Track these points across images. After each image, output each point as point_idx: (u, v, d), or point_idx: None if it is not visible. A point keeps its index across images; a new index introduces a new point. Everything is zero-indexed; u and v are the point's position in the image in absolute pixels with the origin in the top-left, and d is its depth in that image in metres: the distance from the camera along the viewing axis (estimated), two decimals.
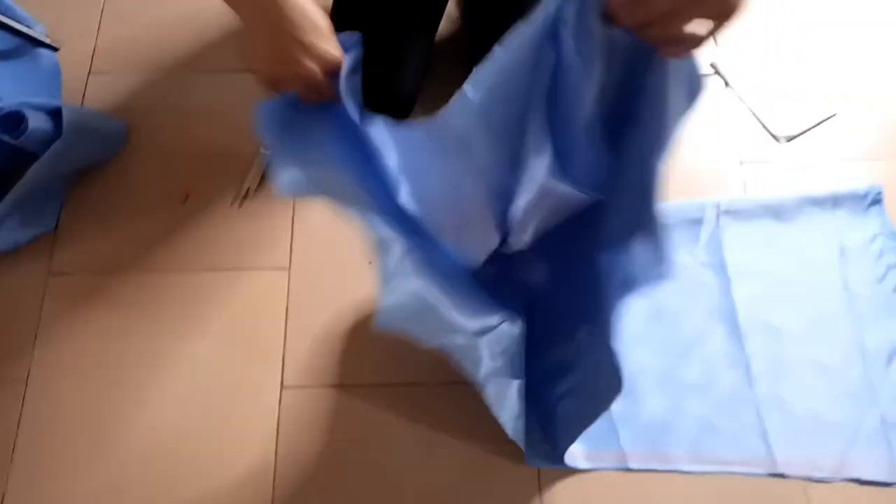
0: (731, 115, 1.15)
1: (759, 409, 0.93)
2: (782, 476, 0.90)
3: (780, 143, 1.13)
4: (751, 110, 1.15)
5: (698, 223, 1.05)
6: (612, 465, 0.90)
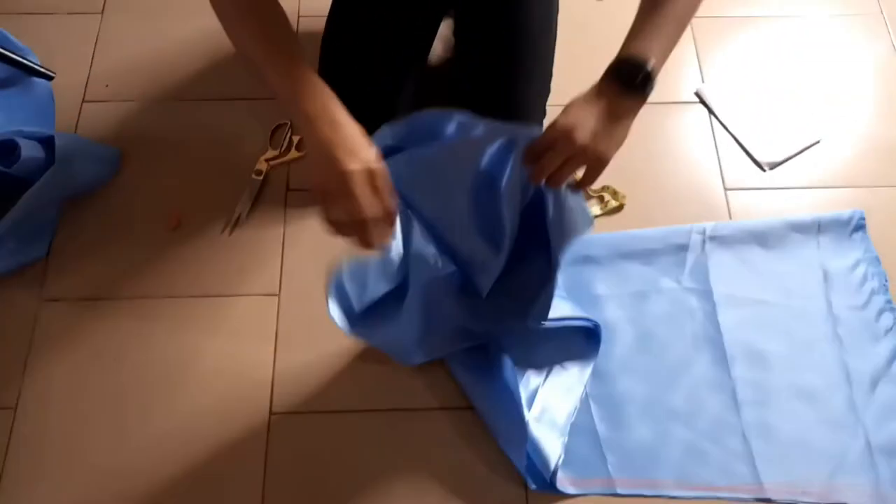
0: (715, 142, 1.17)
1: (745, 435, 0.94)
2: (769, 501, 0.90)
3: (765, 170, 1.14)
4: (735, 138, 1.17)
5: (684, 249, 1.06)
6: (599, 491, 0.91)
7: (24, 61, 1.13)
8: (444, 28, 1.08)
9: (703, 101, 1.20)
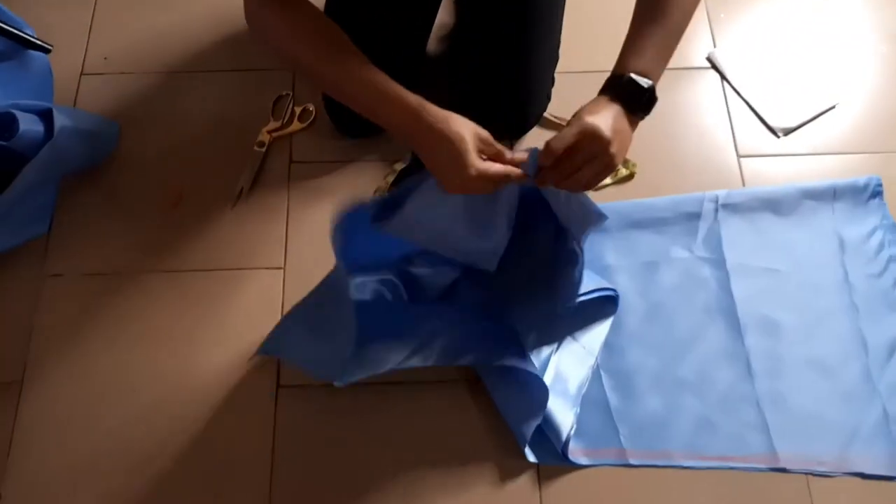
0: (728, 108, 1.14)
1: (759, 405, 0.93)
2: (784, 471, 0.89)
3: (779, 137, 1.12)
4: (748, 103, 1.14)
5: (696, 217, 1.04)
6: (611, 462, 0.90)
7: (20, 34, 1.11)
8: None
9: (715, 67, 1.17)
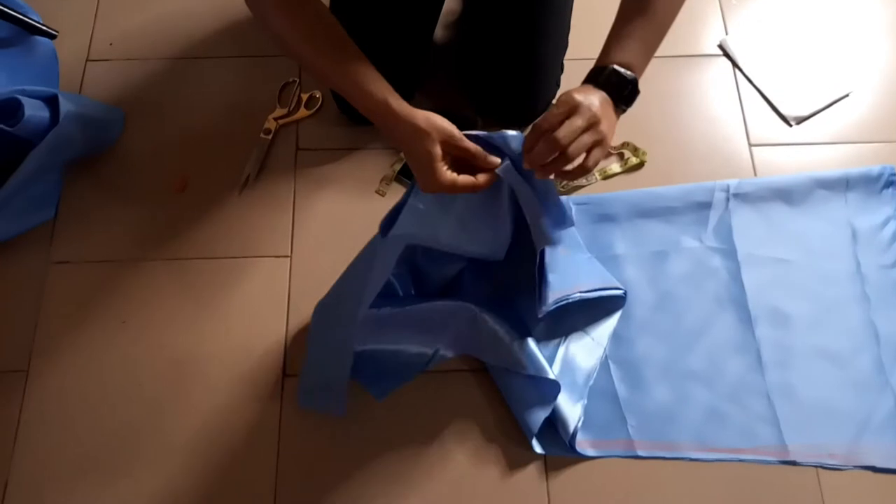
0: (740, 96, 1.13)
1: (769, 396, 0.92)
2: (794, 464, 0.88)
3: (792, 125, 1.10)
4: (760, 91, 1.12)
5: (707, 207, 1.03)
6: (619, 453, 0.89)
7: (26, 19, 1.10)
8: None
9: (726, 54, 1.16)
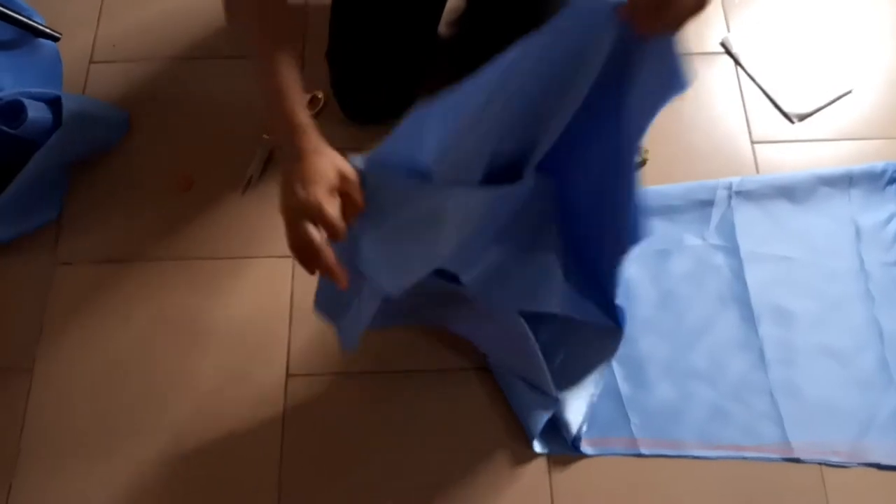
0: (742, 93, 1.12)
1: (772, 394, 0.91)
2: (797, 461, 0.88)
3: (794, 122, 1.10)
4: (762, 89, 1.12)
5: (709, 205, 1.03)
6: (622, 451, 0.89)
7: (29, 22, 1.11)
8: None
9: (728, 52, 1.15)
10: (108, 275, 1.00)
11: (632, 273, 0.98)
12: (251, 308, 0.98)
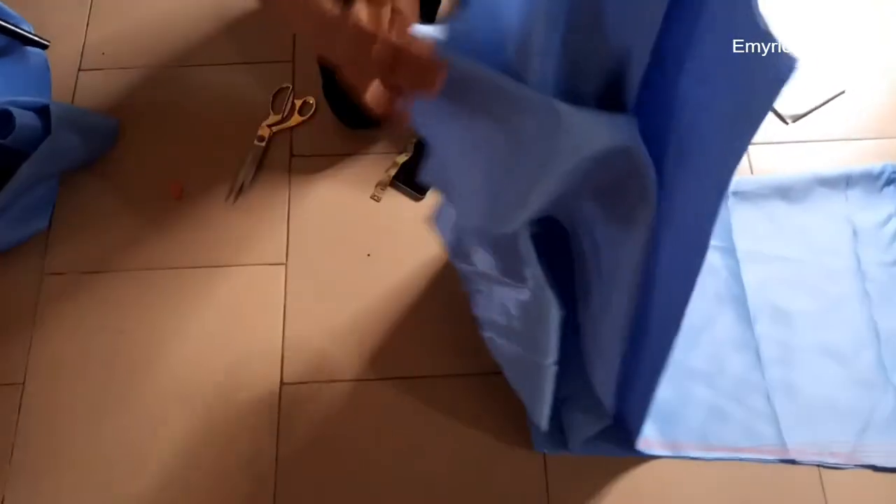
0: None
1: (769, 395, 0.91)
2: (793, 462, 0.88)
3: (788, 123, 1.10)
4: None
5: None
6: (619, 452, 0.88)
7: (17, 30, 1.10)
8: None
9: None
10: (98, 285, 0.99)
11: None
12: (244, 316, 0.97)
